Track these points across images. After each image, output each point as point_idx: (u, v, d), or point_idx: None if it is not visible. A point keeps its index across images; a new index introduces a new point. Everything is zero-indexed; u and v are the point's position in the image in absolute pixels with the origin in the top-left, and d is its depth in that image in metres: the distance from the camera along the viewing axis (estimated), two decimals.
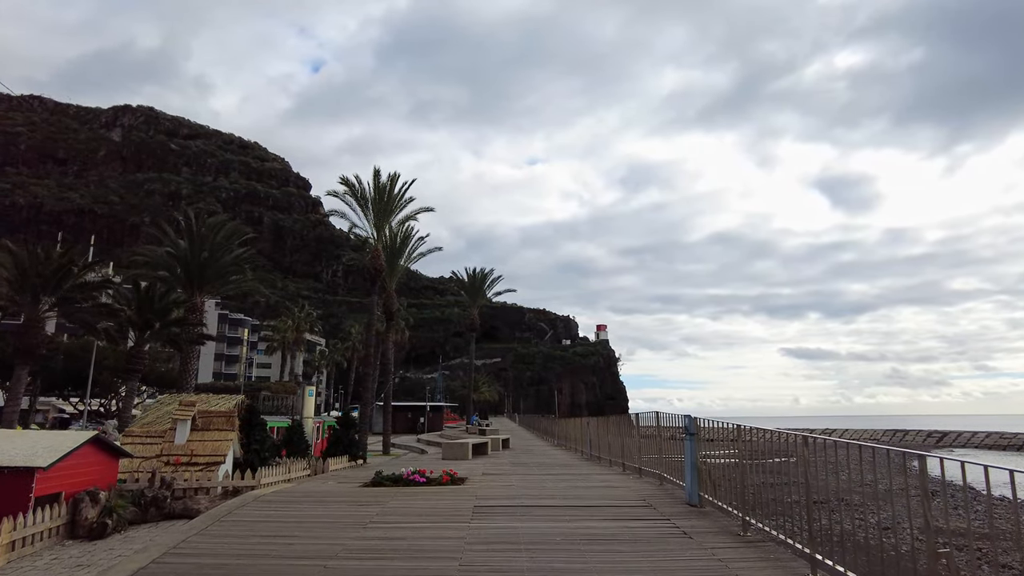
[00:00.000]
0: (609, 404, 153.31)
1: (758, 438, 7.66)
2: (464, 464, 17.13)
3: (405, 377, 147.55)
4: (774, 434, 7.26)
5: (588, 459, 18.95)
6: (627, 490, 10.89)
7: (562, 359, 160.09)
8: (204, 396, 19.52)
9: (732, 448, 8.52)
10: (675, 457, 11.07)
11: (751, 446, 7.79)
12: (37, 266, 24.56)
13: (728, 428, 8.74)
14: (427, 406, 69.49)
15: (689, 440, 9.55)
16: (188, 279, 33.20)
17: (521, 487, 11.41)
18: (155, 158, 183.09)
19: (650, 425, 13.12)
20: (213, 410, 12.33)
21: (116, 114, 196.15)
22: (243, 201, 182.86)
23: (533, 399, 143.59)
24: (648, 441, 12.97)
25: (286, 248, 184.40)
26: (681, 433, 10.75)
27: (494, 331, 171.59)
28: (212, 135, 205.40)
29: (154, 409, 18.59)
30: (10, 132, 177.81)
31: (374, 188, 33.44)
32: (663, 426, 11.91)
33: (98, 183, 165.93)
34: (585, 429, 20.16)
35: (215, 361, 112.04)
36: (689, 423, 9.62)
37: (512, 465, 16.72)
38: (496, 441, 23.83)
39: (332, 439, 17.00)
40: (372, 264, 33.08)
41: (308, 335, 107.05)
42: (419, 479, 11.52)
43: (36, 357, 25.06)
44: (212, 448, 11.41)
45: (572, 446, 23.40)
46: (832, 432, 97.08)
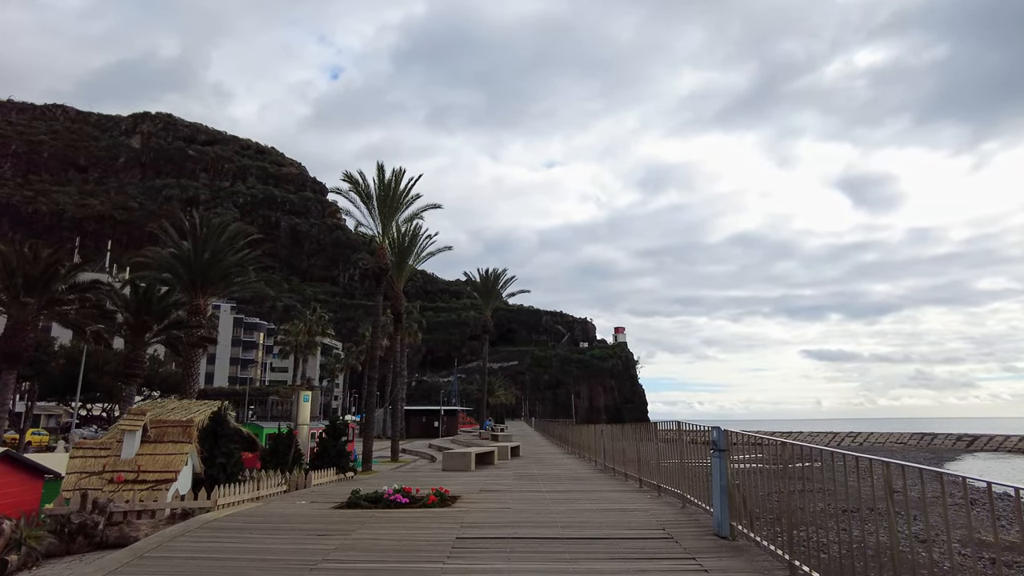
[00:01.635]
0: (628, 408, 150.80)
1: (811, 461, 5.97)
2: (464, 477, 15.54)
3: (421, 381, 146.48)
4: (833, 455, 5.55)
5: (602, 471, 17.25)
6: (643, 514, 9.21)
7: (580, 362, 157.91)
8: (186, 403, 18.17)
9: (769, 463, 6.87)
10: (699, 463, 9.40)
11: (800, 470, 6.11)
12: (24, 266, 23.57)
13: (769, 442, 7.07)
14: (441, 410, 68.13)
15: (718, 457, 7.87)
16: (191, 281, 32.21)
17: (519, 509, 9.78)
18: (173, 164, 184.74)
19: (669, 429, 11.44)
20: (169, 419, 10.88)
21: (135, 121, 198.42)
22: (260, 206, 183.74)
23: (550, 403, 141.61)
24: (668, 451, 11.28)
25: (303, 252, 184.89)
26: (708, 446, 9.09)
27: (510, 334, 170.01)
28: (229, 141, 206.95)
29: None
30: (34, 141, 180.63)
31: (379, 184, 32.01)
32: (685, 437, 10.23)
33: (118, 189, 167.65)
34: (599, 437, 18.46)
35: (231, 365, 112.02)
36: (719, 437, 7.93)
37: (516, 478, 15.09)
38: (504, 450, 22.20)
39: (319, 449, 15.52)
40: (377, 263, 31.70)
41: (324, 338, 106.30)
42: (401, 499, 9.95)
43: (24, 361, 24.05)
44: (164, 463, 9.96)
45: (586, 455, 21.71)
46: (857, 435, 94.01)
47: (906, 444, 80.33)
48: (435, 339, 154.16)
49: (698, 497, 9.20)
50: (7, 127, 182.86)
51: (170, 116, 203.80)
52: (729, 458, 7.78)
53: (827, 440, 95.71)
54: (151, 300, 30.86)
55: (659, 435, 11.87)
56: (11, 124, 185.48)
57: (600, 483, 13.97)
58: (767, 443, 7.13)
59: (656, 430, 11.87)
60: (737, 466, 7.74)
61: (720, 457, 7.84)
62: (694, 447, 9.71)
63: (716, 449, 7.98)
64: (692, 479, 9.61)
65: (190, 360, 32.32)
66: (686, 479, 9.89)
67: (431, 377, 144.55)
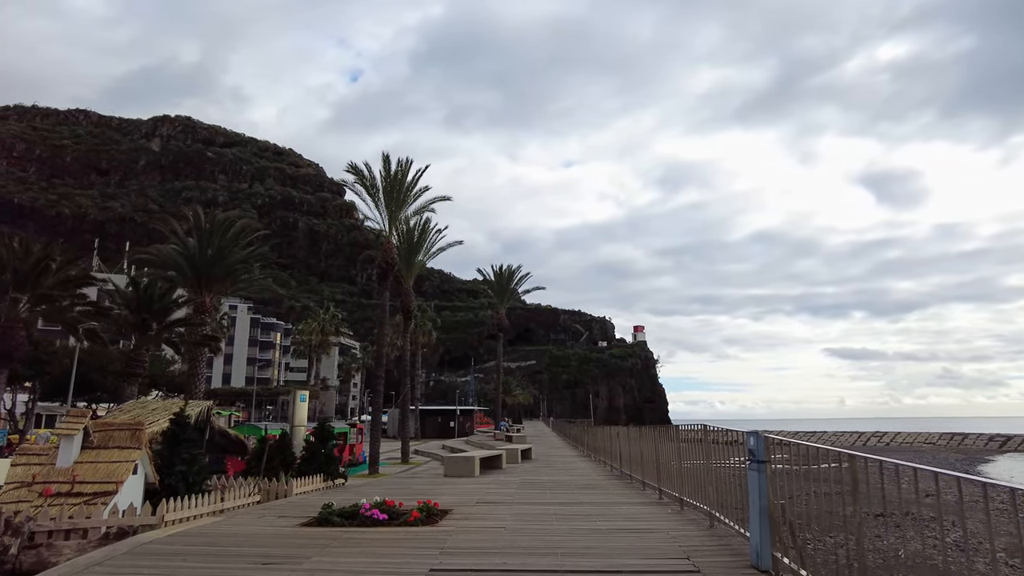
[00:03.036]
0: (648, 407, 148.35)
1: (891, 480, 4.37)
2: (464, 485, 14.10)
3: (439, 380, 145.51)
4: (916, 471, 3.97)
5: (618, 477, 15.71)
6: (663, 537, 7.67)
7: (598, 361, 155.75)
8: (168, 403, 16.98)
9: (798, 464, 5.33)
10: (730, 474, 7.87)
11: (868, 490, 4.55)
12: (14, 262, 22.64)
13: (821, 452, 5.51)
14: (457, 410, 66.92)
15: (756, 470, 6.32)
16: (196, 278, 31.33)
17: (516, 528, 8.29)
18: (192, 166, 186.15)
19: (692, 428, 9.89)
20: (115, 422, 9.54)
21: (155, 125, 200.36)
22: (278, 207, 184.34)
23: (569, 402, 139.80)
24: (692, 458, 9.72)
25: (321, 252, 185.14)
26: (739, 451, 7.54)
27: (528, 333, 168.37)
28: (247, 143, 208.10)
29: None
30: (57, 145, 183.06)
31: (385, 176, 30.67)
32: (713, 441, 8.68)
33: (138, 192, 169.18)
34: (615, 440, 16.91)
35: (248, 365, 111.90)
36: (757, 445, 6.37)
37: (521, 487, 13.60)
38: (513, 453, 20.71)
39: (307, 454, 14.19)
40: (383, 258, 30.42)
41: (340, 338, 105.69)
42: (379, 515, 8.52)
43: (15, 360, 23.11)
44: (105, 473, 8.64)
45: (601, 459, 20.16)
46: (883, 435, 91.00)
47: (935, 444, 77.53)
48: (452, 339, 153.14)
49: (730, 516, 7.65)
50: (32, 133, 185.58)
51: (189, 119, 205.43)
52: (771, 471, 6.22)
53: (852, 440, 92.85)
54: (151, 298, 29.85)
55: (682, 439, 10.33)
56: (36, 130, 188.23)
57: (615, 493, 12.43)
58: (819, 452, 5.56)
59: (678, 434, 10.30)
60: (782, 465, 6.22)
61: (759, 470, 6.28)
62: (723, 454, 8.17)
63: (754, 460, 6.42)
64: (722, 493, 8.06)
65: (195, 359, 31.39)
66: (715, 492, 8.34)
67: (448, 377, 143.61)
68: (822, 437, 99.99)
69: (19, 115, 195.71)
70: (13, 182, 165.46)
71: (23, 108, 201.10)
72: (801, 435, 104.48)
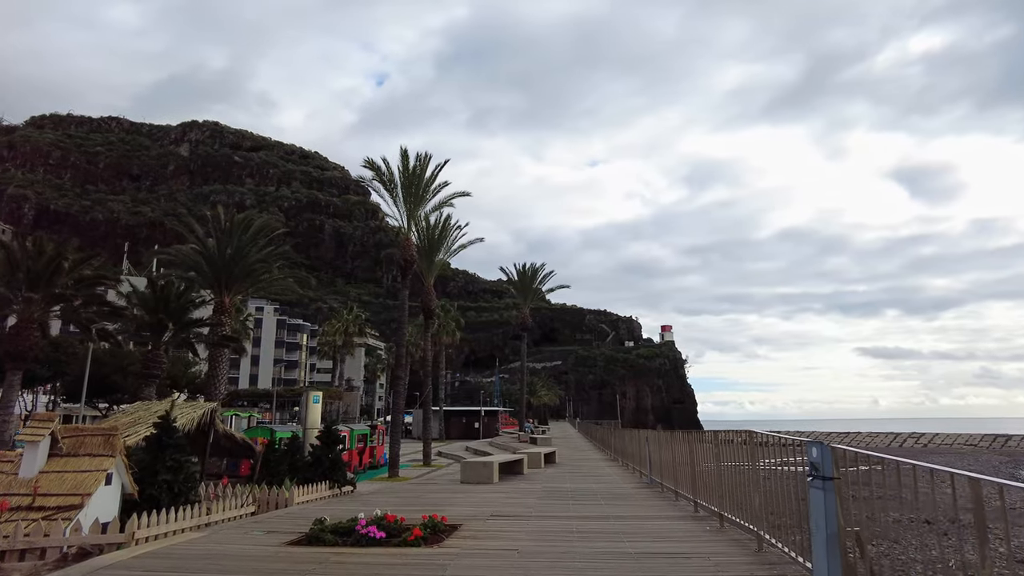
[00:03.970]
0: (677, 409, 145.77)
1: None
2: (480, 493, 13.04)
3: (464, 381, 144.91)
4: None
5: (647, 485, 14.50)
6: (703, 565, 6.50)
7: (625, 361, 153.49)
8: (171, 404, 16.25)
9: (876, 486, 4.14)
10: (782, 487, 6.68)
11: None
12: (27, 261, 22.29)
13: (906, 468, 4.32)
14: (481, 411, 66.06)
15: (821, 488, 5.14)
16: (216, 278, 30.94)
17: (531, 552, 7.18)
18: (220, 170, 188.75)
19: (723, 430, 8.71)
20: (87, 428, 8.64)
21: (184, 130, 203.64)
22: (305, 210, 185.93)
23: (595, 403, 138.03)
24: (735, 466, 8.52)
25: (347, 254, 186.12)
26: (792, 462, 6.35)
27: (553, 333, 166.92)
28: (274, 146, 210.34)
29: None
30: (90, 152, 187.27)
31: (403, 171, 29.81)
32: (761, 447, 7.49)
33: (168, 196, 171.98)
34: (644, 445, 15.69)
35: (275, 366, 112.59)
36: (822, 457, 5.18)
37: (542, 496, 12.48)
38: (535, 457, 19.59)
39: (310, 460, 13.28)
40: (402, 255, 29.58)
41: (367, 339, 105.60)
42: (375, 533, 7.50)
43: (29, 360, 22.76)
44: (72, 484, 7.76)
45: (630, 464, 18.95)
46: (920, 436, 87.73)
47: (976, 446, 74.33)
48: (477, 339, 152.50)
49: (783, 538, 6.45)
50: (67, 140, 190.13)
51: (216, 124, 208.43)
52: (842, 491, 5.03)
53: (888, 441, 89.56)
54: (168, 298, 29.47)
55: (721, 444, 9.13)
56: (70, 137, 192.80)
57: (644, 505, 11.25)
58: (912, 471, 4.36)
59: (719, 439, 9.09)
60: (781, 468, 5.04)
61: (825, 489, 5.09)
62: (774, 463, 6.99)
63: (817, 475, 5.23)
64: (772, 509, 6.86)
65: (215, 360, 30.96)
66: (762, 508, 7.14)
67: (474, 377, 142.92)
68: (856, 438, 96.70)
69: (55, 124, 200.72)
70: (50, 189, 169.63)
71: (59, 117, 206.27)
72: (834, 436, 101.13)
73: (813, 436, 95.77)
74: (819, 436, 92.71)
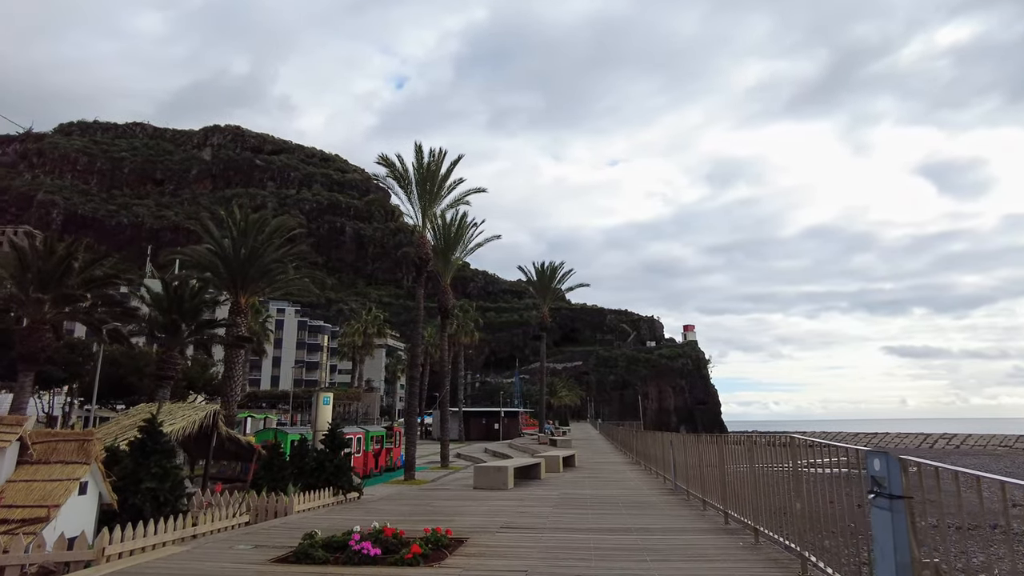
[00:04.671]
0: (700, 409, 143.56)
1: None
2: (492, 501, 12.25)
3: (485, 382, 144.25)
4: None
5: (672, 492, 13.59)
6: None
7: (647, 362, 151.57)
8: (175, 405, 15.73)
9: None
10: (821, 491, 5.79)
11: None
12: (37, 262, 22.05)
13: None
14: (501, 412, 65.29)
15: (887, 509, 4.25)
16: (231, 278, 30.65)
17: (543, 573, 6.35)
18: (242, 174, 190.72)
19: (772, 437, 7.80)
20: (60, 433, 7.97)
21: (206, 135, 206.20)
22: (326, 212, 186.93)
23: (617, 404, 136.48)
24: (771, 475, 7.62)
25: (368, 256, 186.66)
26: (847, 476, 5.46)
27: (574, 333, 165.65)
28: (295, 149, 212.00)
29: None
30: (116, 158, 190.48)
31: (417, 167, 29.14)
32: (803, 455, 6.59)
33: (191, 200, 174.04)
34: (667, 448, 14.77)
35: (296, 368, 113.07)
36: (888, 471, 4.30)
37: (558, 504, 11.65)
38: (554, 460, 18.75)
39: (315, 465, 12.59)
40: (417, 252, 28.92)
41: (388, 340, 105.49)
42: (370, 550, 6.74)
43: (41, 361, 22.53)
44: (40, 494, 7.11)
45: (653, 468, 18.02)
46: (951, 437, 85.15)
47: (1012, 447, 71.79)
48: (497, 340, 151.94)
49: (834, 562, 5.56)
50: (93, 147, 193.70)
51: (238, 128, 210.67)
52: (914, 512, 4.14)
53: (918, 442, 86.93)
54: (182, 298, 29.19)
55: (754, 449, 8.23)
56: (97, 143, 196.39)
57: (669, 515, 10.35)
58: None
59: (752, 443, 8.18)
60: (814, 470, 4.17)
61: (894, 510, 4.21)
62: (818, 470, 6.11)
63: (882, 494, 4.34)
64: (820, 526, 5.97)
65: (231, 361, 30.65)
66: (807, 524, 6.25)
67: (494, 378, 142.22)
68: (884, 439, 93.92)
69: (82, 130, 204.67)
70: (77, 194, 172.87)
71: (85, 123, 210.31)
72: (861, 437, 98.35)
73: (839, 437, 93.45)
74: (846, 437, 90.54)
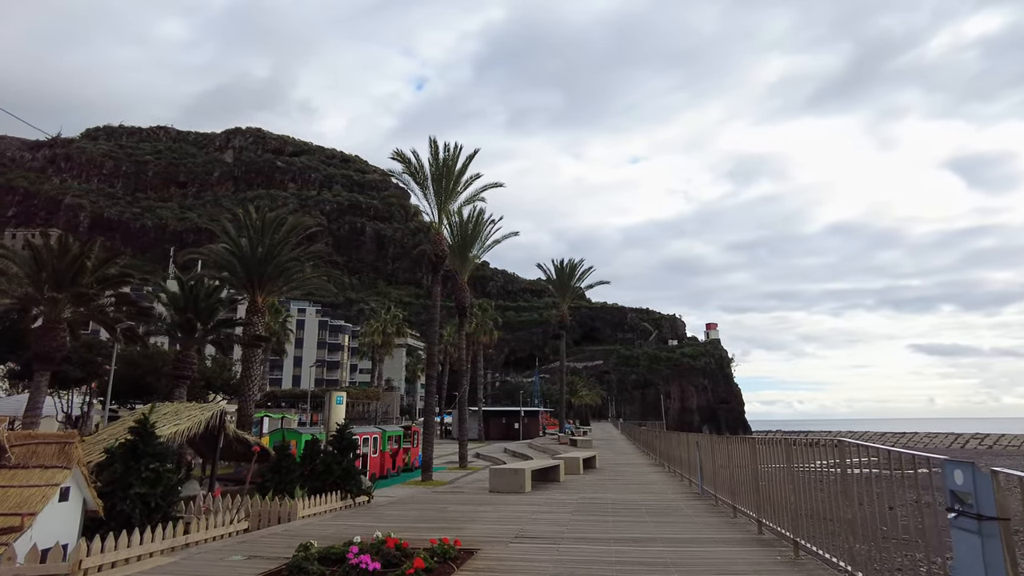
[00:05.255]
0: (723, 408, 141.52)
1: None
2: (508, 506, 11.58)
3: (505, 381, 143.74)
4: None
5: (699, 496, 12.81)
6: None
7: (669, 361, 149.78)
8: (183, 405, 15.30)
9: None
10: (883, 512, 5.02)
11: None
12: (52, 260, 21.92)
13: None
14: (521, 411, 64.67)
15: (978, 532, 3.51)
16: (248, 278, 30.46)
17: None
18: (263, 176, 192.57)
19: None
20: (40, 434, 7.49)
21: (228, 137, 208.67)
22: (346, 212, 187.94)
23: (639, 403, 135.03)
24: (811, 481, 6.86)
25: (388, 256, 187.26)
26: (918, 487, 4.71)
27: (594, 332, 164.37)
28: (315, 151, 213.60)
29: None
30: (140, 161, 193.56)
31: (433, 163, 28.62)
32: (853, 462, 5.83)
33: (213, 202, 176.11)
34: (693, 451, 13.98)
35: (317, 368, 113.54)
36: (975, 485, 3.55)
37: (578, 512, 10.94)
38: (573, 462, 18.03)
39: (322, 468, 12.03)
40: (433, 249, 28.39)
41: (408, 339, 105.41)
42: (368, 564, 6.11)
43: (56, 361, 22.40)
44: (16, 501, 6.57)
45: (677, 470, 17.22)
46: (984, 437, 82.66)
47: None
48: (517, 339, 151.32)
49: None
50: (119, 151, 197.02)
51: (259, 130, 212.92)
52: (1011, 536, 3.39)
53: (948, 442, 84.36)
54: (197, 297, 29.00)
55: (792, 452, 7.46)
56: (122, 147, 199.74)
57: (697, 523, 9.59)
58: None
59: (791, 445, 7.40)
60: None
61: (983, 534, 3.46)
62: (866, 477, 5.35)
63: (966, 513, 3.59)
64: (871, 540, 5.21)
65: (248, 361, 30.44)
66: (857, 537, 5.50)
67: (514, 377, 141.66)
68: (912, 439, 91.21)
69: (107, 135, 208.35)
70: (103, 198, 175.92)
71: (111, 128, 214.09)
72: (889, 436, 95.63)
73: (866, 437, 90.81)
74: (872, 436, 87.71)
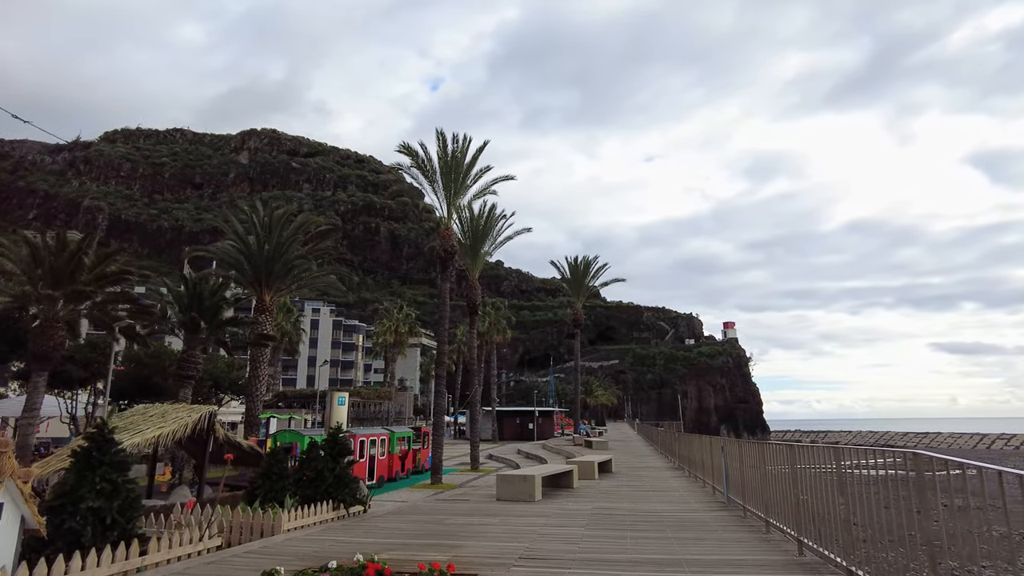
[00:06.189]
0: (741, 408, 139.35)
1: None
2: (515, 518, 10.56)
3: (519, 381, 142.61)
4: None
5: (724, 506, 11.69)
6: None
7: (686, 360, 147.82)
8: (171, 407, 14.48)
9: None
10: (955, 516, 3.94)
11: None
12: (49, 257, 21.29)
13: None
14: (536, 411, 63.58)
15: None
16: (255, 276, 29.82)
17: None
18: (278, 176, 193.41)
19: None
20: None
21: (243, 139, 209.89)
22: (361, 213, 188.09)
23: (655, 403, 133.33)
24: (863, 494, 5.79)
25: (402, 256, 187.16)
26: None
27: (610, 331, 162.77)
28: (330, 152, 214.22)
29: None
30: (157, 163, 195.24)
31: (441, 156, 27.64)
32: (926, 475, 4.75)
33: (229, 204, 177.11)
34: (717, 455, 12.85)
35: (331, 367, 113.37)
36: None
37: (591, 525, 9.88)
38: (588, 466, 16.96)
39: (312, 474, 11.09)
40: (442, 245, 27.43)
41: (422, 339, 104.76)
42: None
43: (54, 360, 21.75)
44: None
45: (698, 475, 16.08)
46: (1010, 438, 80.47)
47: None
48: (531, 338, 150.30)
49: None
50: (136, 153, 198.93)
51: (274, 131, 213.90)
52: None
53: (974, 443, 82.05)
54: (201, 296, 28.34)
55: (841, 458, 6.37)
56: (139, 150, 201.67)
57: (726, 540, 8.50)
58: None
59: (839, 452, 6.31)
60: None
61: None
62: (940, 487, 4.28)
63: None
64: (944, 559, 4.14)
65: (256, 360, 29.77)
66: (937, 569, 4.42)
67: (528, 377, 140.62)
68: (935, 439, 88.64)
69: (125, 138, 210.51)
70: (121, 200, 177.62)
71: (129, 131, 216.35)
72: (911, 437, 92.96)
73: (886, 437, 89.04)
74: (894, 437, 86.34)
